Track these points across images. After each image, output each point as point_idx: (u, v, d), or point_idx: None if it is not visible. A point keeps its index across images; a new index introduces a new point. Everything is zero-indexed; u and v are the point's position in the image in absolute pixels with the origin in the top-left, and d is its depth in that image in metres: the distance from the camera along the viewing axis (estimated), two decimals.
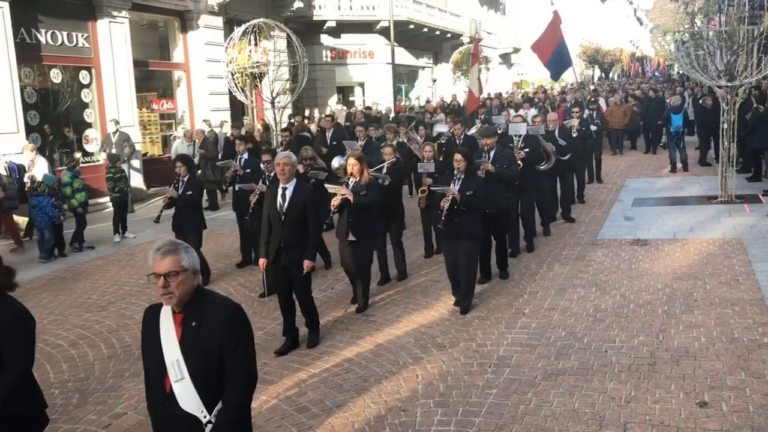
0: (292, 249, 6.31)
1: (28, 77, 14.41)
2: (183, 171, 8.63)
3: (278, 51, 15.58)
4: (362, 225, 7.39)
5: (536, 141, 9.70)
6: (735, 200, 11.92)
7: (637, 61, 65.79)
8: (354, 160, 7.51)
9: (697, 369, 5.53)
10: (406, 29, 28.90)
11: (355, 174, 7.44)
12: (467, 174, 7.22)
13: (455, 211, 7.06)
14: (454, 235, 7.16)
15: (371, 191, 7.41)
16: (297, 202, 6.29)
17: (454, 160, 7.26)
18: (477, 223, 7.31)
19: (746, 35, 11.51)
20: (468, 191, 7.10)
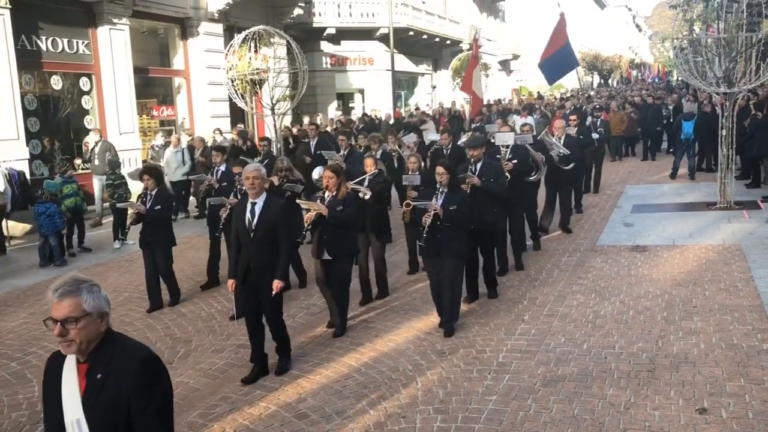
0: (262, 269, 5.87)
1: (28, 84, 14.44)
2: (150, 184, 8.12)
3: (278, 58, 15.59)
4: (339, 243, 6.89)
5: (525, 151, 9.21)
6: (734, 206, 11.94)
7: (636, 68, 65.95)
8: (330, 172, 6.99)
9: (697, 375, 5.54)
10: (405, 36, 28.97)
11: (330, 188, 6.93)
12: (451, 188, 6.82)
13: (438, 228, 6.68)
14: (437, 253, 6.76)
15: (349, 206, 6.91)
16: (267, 218, 5.85)
17: (437, 173, 6.83)
18: (461, 239, 6.87)
19: (744, 42, 11.56)
20: (451, 206, 6.69)
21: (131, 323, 7.79)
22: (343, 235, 6.95)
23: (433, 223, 6.66)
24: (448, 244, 6.74)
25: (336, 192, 6.92)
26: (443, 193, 6.79)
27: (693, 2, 12.74)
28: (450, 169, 6.87)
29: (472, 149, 7.90)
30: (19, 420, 5.55)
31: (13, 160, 12.64)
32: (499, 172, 7.97)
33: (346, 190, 7.01)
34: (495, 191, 7.73)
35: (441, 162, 7.10)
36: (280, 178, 8.45)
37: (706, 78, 12.17)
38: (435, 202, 6.73)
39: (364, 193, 7.84)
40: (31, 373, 6.49)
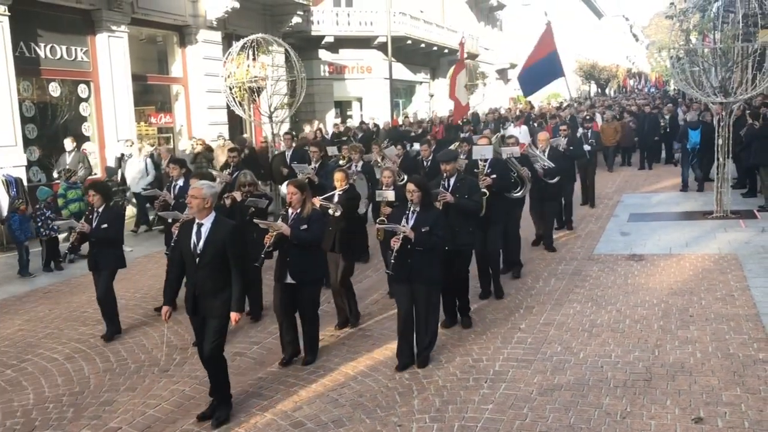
0: (209, 298, 5.29)
1: (26, 91, 14.44)
2: (97, 200, 7.41)
3: (276, 66, 15.63)
4: (304, 266, 6.29)
5: (505, 166, 8.48)
6: (730, 216, 11.97)
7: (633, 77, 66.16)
8: (293, 187, 6.37)
9: (693, 384, 5.54)
10: (403, 44, 29.07)
11: (294, 204, 6.33)
12: (423, 206, 6.17)
13: (408, 251, 6.04)
14: (406, 279, 6.12)
15: (314, 225, 6.30)
16: (214, 242, 5.25)
17: (407, 190, 6.18)
18: (435, 264, 6.21)
19: (741, 52, 11.61)
20: (423, 227, 6.06)
21: (126, 330, 7.77)
22: (309, 256, 6.34)
23: (404, 247, 6.02)
24: (420, 271, 6.09)
25: (300, 209, 6.33)
26: (415, 212, 6.15)
27: (689, 12, 12.81)
28: (422, 186, 6.22)
29: (445, 163, 7.18)
30: (13, 428, 5.53)
31: (11, 166, 12.63)
32: (475, 188, 7.30)
33: (311, 207, 6.41)
34: (468, 209, 7.09)
35: (412, 178, 6.48)
36: (242, 193, 7.87)
37: (703, 88, 12.22)
38: (405, 223, 6.12)
39: (334, 210, 7.24)
40: (26, 381, 6.47)
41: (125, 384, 6.27)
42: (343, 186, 7.49)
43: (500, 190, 8.17)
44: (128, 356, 6.96)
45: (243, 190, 7.92)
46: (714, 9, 12.42)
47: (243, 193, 7.88)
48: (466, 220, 7.11)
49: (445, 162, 7.20)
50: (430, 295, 6.22)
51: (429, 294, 6.20)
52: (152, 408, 5.74)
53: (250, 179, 8.08)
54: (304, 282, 6.34)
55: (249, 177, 8.11)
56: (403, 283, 6.20)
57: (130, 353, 7.04)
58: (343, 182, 7.51)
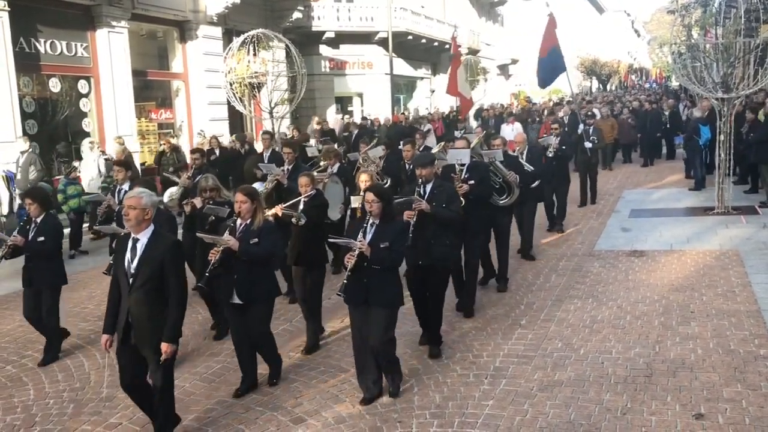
0: (144, 326, 4.68)
1: (26, 86, 14.43)
2: (34, 210, 6.62)
3: (277, 61, 15.63)
4: (253, 284, 5.64)
5: (485, 171, 7.76)
6: (732, 212, 11.95)
7: (634, 73, 66.12)
8: (242, 195, 5.63)
9: (694, 381, 5.53)
10: (404, 40, 29.02)
11: (243, 214, 5.63)
12: (383, 219, 5.49)
13: (365, 270, 5.37)
14: (362, 301, 5.49)
15: (266, 238, 5.63)
16: (151, 260, 4.63)
17: (365, 200, 5.52)
18: (393, 284, 5.55)
19: (743, 47, 11.58)
20: (382, 242, 5.39)
21: None
22: (259, 273, 5.69)
23: (359, 264, 5.36)
24: (378, 292, 5.43)
25: (251, 220, 5.66)
26: (373, 225, 5.48)
27: (691, 7, 12.78)
28: (382, 196, 5.52)
29: (421, 168, 6.44)
30: (14, 423, 5.53)
31: (11, 162, 12.62)
32: (453, 195, 6.56)
33: (262, 218, 5.72)
34: (446, 218, 6.34)
35: (370, 187, 5.84)
36: (203, 199, 7.13)
37: (705, 83, 12.19)
38: (362, 237, 5.44)
39: (297, 218, 6.63)
40: (26, 377, 6.47)
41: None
42: (308, 191, 6.82)
43: (479, 197, 7.36)
44: None
45: (204, 196, 7.14)
46: (716, 4, 12.37)
47: (204, 199, 7.13)
48: (444, 231, 6.36)
49: (421, 167, 6.48)
50: (389, 319, 5.51)
51: (387, 318, 5.49)
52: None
53: (212, 184, 7.25)
54: (251, 300, 5.67)
55: (211, 182, 7.29)
56: (359, 306, 5.52)
57: None
58: (308, 187, 6.83)
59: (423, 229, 6.14)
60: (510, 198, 8.29)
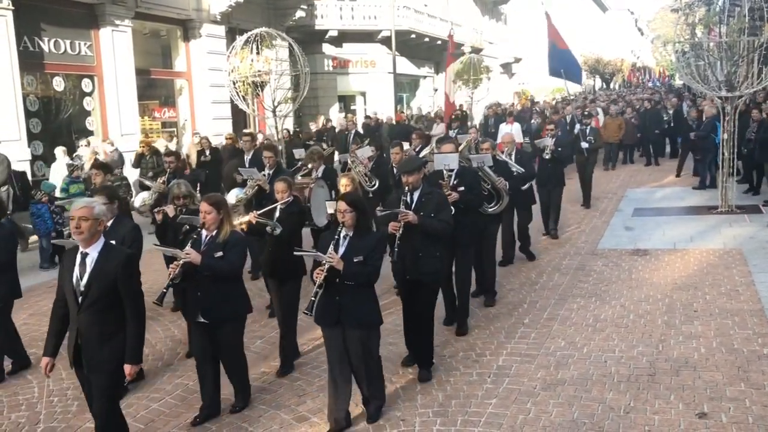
0: (95, 348, 4.25)
1: (30, 85, 14.47)
2: None
3: (280, 60, 15.62)
4: (217, 301, 5.15)
5: (476, 177, 7.20)
6: (735, 210, 11.93)
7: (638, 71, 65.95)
8: (207, 205, 5.15)
9: (697, 380, 5.53)
10: (407, 39, 29.01)
11: (208, 225, 5.16)
12: (358, 230, 5.02)
13: (337, 287, 4.90)
14: (335, 321, 4.99)
15: (231, 251, 5.14)
16: (102, 276, 4.17)
17: (337, 209, 5.04)
18: (370, 301, 5.08)
19: (747, 46, 11.55)
20: (357, 257, 4.91)
21: None
22: (227, 289, 5.21)
23: (330, 280, 4.90)
24: (352, 311, 4.94)
25: (216, 231, 5.18)
26: (347, 237, 5.01)
27: (695, 6, 12.74)
28: (356, 205, 5.01)
29: (407, 174, 5.89)
30: (18, 421, 5.55)
31: (15, 161, 12.65)
32: (443, 204, 5.97)
33: (229, 229, 5.23)
34: (436, 230, 5.80)
35: (344, 195, 5.27)
36: (176, 207, 6.64)
37: (708, 82, 12.16)
38: (333, 249, 4.95)
39: (272, 228, 6.11)
40: (30, 374, 6.49)
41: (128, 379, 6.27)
42: (285, 198, 6.30)
43: (469, 205, 6.84)
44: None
45: (177, 203, 6.66)
46: (720, 2, 12.36)
47: (176, 207, 6.65)
48: (433, 244, 5.83)
49: (407, 173, 5.90)
50: (367, 341, 5.01)
51: (366, 339, 5.00)
52: (156, 402, 5.76)
53: (185, 191, 6.70)
54: (219, 320, 5.20)
55: (184, 188, 6.74)
56: (332, 327, 5.03)
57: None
58: (285, 194, 6.30)
59: (410, 241, 5.67)
60: (499, 206, 7.73)
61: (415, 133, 11.82)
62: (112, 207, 5.84)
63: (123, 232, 5.79)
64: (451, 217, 6.00)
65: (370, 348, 5.07)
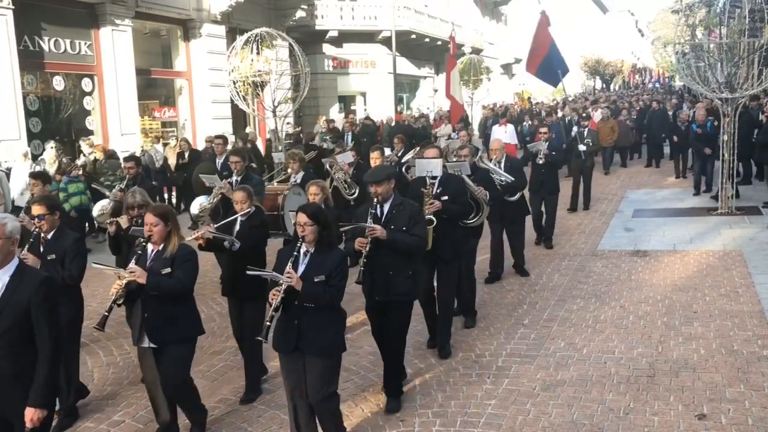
0: (6, 386, 3.62)
1: (30, 84, 14.47)
2: None
3: (280, 60, 15.61)
4: (164, 322, 4.66)
5: (460, 185, 6.58)
6: (735, 212, 11.94)
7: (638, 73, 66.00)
8: (153, 217, 4.65)
9: (697, 381, 5.53)
10: (407, 39, 29.02)
11: (155, 239, 4.65)
12: (320, 246, 4.47)
13: (296, 309, 4.39)
14: (294, 347, 4.43)
15: (181, 267, 4.65)
16: (14, 302, 3.59)
17: (297, 222, 4.47)
18: (333, 326, 4.52)
19: (747, 47, 11.56)
20: (318, 276, 4.38)
21: (126, 331, 7.76)
22: (173, 310, 4.69)
23: (287, 302, 4.37)
24: (312, 336, 4.40)
25: (163, 246, 4.70)
26: (307, 254, 4.48)
27: (695, 7, 12.74)
28: (317, 218, 4.44)
29: (375, 184, 5.29)
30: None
31: (14, 160, 12.64)
32: (416, 216, 5.38)
33: (178, 243, 4.72)
34: (408, 246, 5.25)
35: (304, 207, 4.58)
36: (130, 218, 6.03)
37: (708, 83, 12.17)
38: (291, 268, 4.37)
39: (230, 243, 5.56)
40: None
41: (128, 378, 6.29)
42: (245, 209, 5.73)
43: (454, 216, 6.27)
44: (131, 350, 6.95)
45: (131, 214, 6.04)
46: (720, 4, 12.35)
47: (131, 218, 6.04)
48: (405, 261, 5.31)
49: (375, 183, 5.29)
50: (327, 371, 4.46)
51: (325, 370, 4.45)
52: None
53: (140, 200, 6.06)
54: (166, 343, 4.69)
55: (139, 197, 6.10)
56: (291, 354, 4.47)
57: (134, 348, 6.99)
58: (245, 204, 5.73)
59: (379, 258, 5.14)
60: (478, 217, 7.10)
61: (396, 137, 11.23)
62: (53, 218, 5.32)
63: (65, 245, 5.26)
64: (425, 232, 5.47)
65: (330, 380, 4.47)
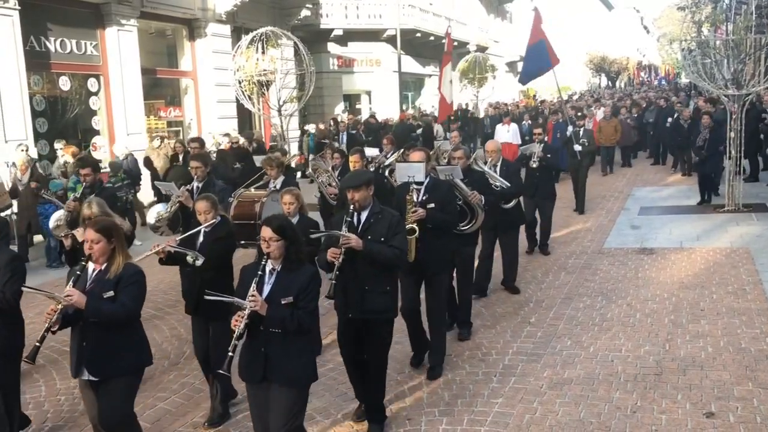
0: None
1: (37, 85, 14.50)
2: None
3: (285, 59, 15.65)
4: (106, 353, 4.11)
5: (449, 192, 6.07)
6: (742, 209, 11.89)
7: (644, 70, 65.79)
8: (93, 232, 4.11)
9: (704, 379, 5.51)
10: (412, 37, 28.99)
11: (96, 257, 4.13)
12: (287, 264, 4.01)
13: (262, 336, 3.95)
14: (261, 377, 4.01)
15: (125, 291, 4.10)
16: None
17: (261, 237, 4.01)
18: (304, 353, 4.07)
19: (754, 44, 11.51)
20: (285, 297, 3.93)
21: None
22: (118, 339, 4.14)
23: (253, 327, 3.93)
24: (280, 365, 3.98)
25: (106, 265, 4.17)
26: (273, 273, 4.04)
27: (702, 4, 12.70)
28: (284, 232, 3.98)
29: (353, 190, 4.81)
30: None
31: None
32: (396, 226, 4.89)
33: (122, 262, 4.18)
34: (387, 258, 4.78)
35: (269, 220, 4.08)
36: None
37: (715, 80, 12.12)
38: (254, 291, 3.90)
39: (193, 258, 5.05)
40: (37, 373, 6.51)
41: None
42: (209, 220, 5.21)
43: (441, 226, 5.78)
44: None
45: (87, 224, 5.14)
46: (726, 0, 12.30)
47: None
48: (383, 275, 4.87)
49: (352, 188, 4.82)
50: (293, 403, 4.02)
51: (292, 401, 4.02)
52: (162, 401, 5.77)
53: (96, 211, 5.54)
54: (107, 377, 4.16)
55: (95, 208, 5.61)
56: (258, 384, 4.05)
57: None
58: (209, 214, 5.22)
59: (354, 272, 4.73)
60: (473, 224, 6.65)
61: (385, 137, 10.78)
62: None
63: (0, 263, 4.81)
64: (405, 244, 5.03)
65: (296, 413, 4.05)
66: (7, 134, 13.01)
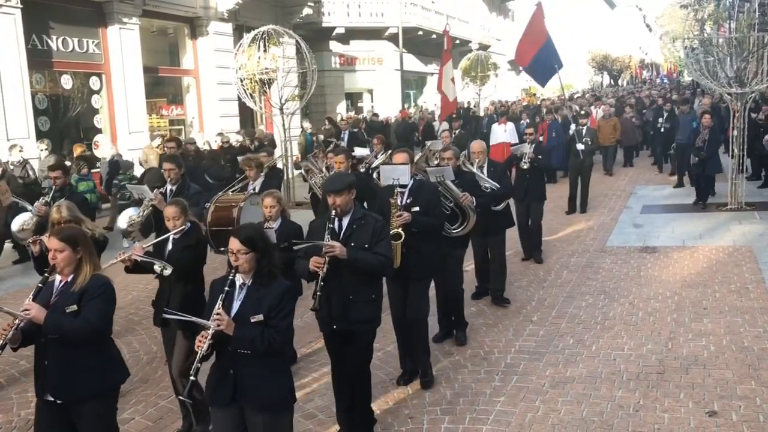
0: None
1: (39, 83, 14.53)
2: None
3: (287, 57, 15.63)
4: (71, 374, 3.73)
5: (434, 195, 5.82)
6: (745, 207, 11.87)
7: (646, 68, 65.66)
8: (56, 240, 3.78)
9: (707, 378, 5.50)
10: (414, 36, 28.98)
11: (61, 268, 3.81)
12: (258, 278, 3.71)
13: (231, 356, 3.65)
14: (230, 400, 3.69)
15: (90, 305, 3.72)
16: None
17: (229, 249, 3.70)
18: (278, 375, 3.77)
19: (756, 42, 11.48)
20: (255, 315, 3.62)
21: (139, 322, 7.81)
22: (84, 358, 3.75)
23: (220, 348, 3.64)
24: (250, 389, 3.66)
25: (72, 276, 3.82)
26: (243, 288, 3.73)
27: (704, 2, 12.68)
28: (254, 243, 3.68)
29: (334, 195, 4.57)
30: (28, 418, 5.56)
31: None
32: (380, 232, 4.65)
33: (89, 273, 3.83)
34: (372, 266, 4.58)
35: (238, 230, 3.79)
36: None
37: (718, 78, 12.09)
38: (220, 308, 3.60)
39: (162, 268, 4.79)
40: None
41: (138, 375, 6.29)
42: (178, 227, 4.96)
43: (426, 230, 5.57)
44: (140, 348, 6.99)
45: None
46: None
47: None
48: (367, 284, 4.67)
49: (334, 193, 4.58)
50: (273, 430, 3.75)
51: (272, 427, 3.73)
52: (165, 399, 5.77)
53: (67, 215, 5.26)
54: (72, 400, 3.77)
55: (65, 212, 5.30)
56: (227, 408, 3.74)
57: (143, 345, 7.07)
58: (178, 221, 4.96)
59: (338, 281, 4.49)
60: (464, 226, 6.42)
61: (376, 137, 10.52)
62: None
63: None
64: (390, 251, 4.80)
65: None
66: (9, 133, 13.03)
